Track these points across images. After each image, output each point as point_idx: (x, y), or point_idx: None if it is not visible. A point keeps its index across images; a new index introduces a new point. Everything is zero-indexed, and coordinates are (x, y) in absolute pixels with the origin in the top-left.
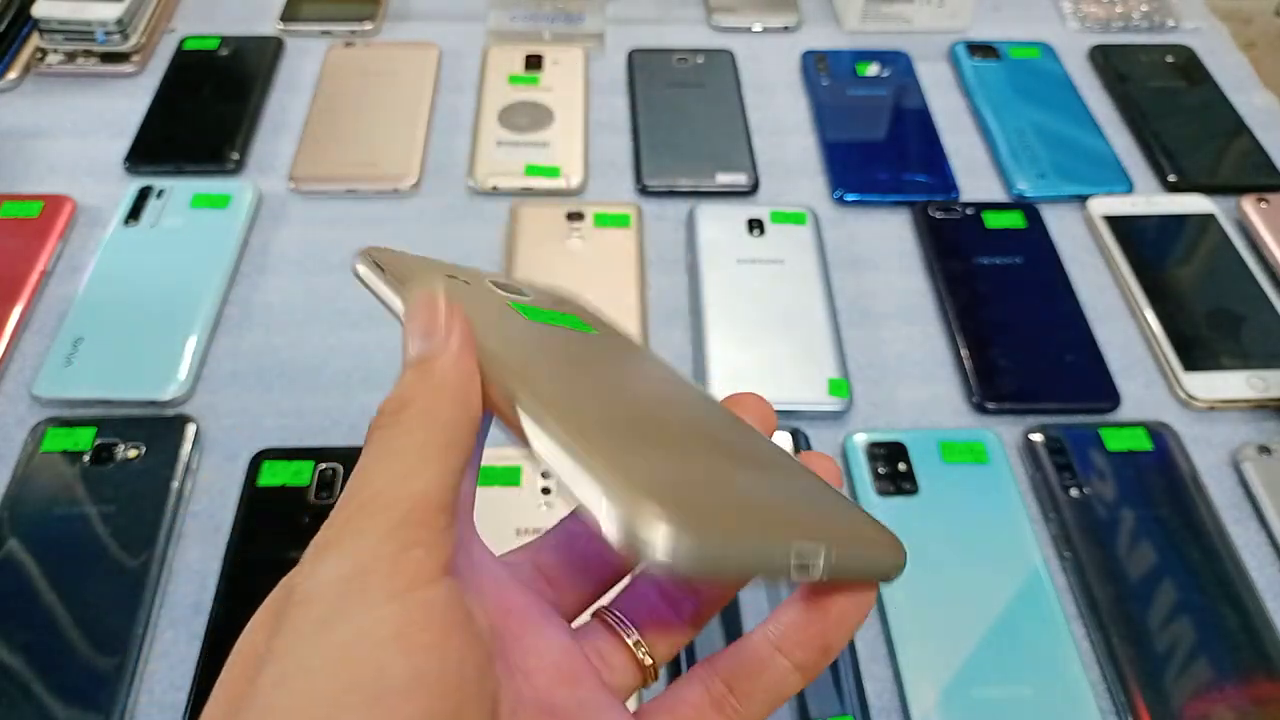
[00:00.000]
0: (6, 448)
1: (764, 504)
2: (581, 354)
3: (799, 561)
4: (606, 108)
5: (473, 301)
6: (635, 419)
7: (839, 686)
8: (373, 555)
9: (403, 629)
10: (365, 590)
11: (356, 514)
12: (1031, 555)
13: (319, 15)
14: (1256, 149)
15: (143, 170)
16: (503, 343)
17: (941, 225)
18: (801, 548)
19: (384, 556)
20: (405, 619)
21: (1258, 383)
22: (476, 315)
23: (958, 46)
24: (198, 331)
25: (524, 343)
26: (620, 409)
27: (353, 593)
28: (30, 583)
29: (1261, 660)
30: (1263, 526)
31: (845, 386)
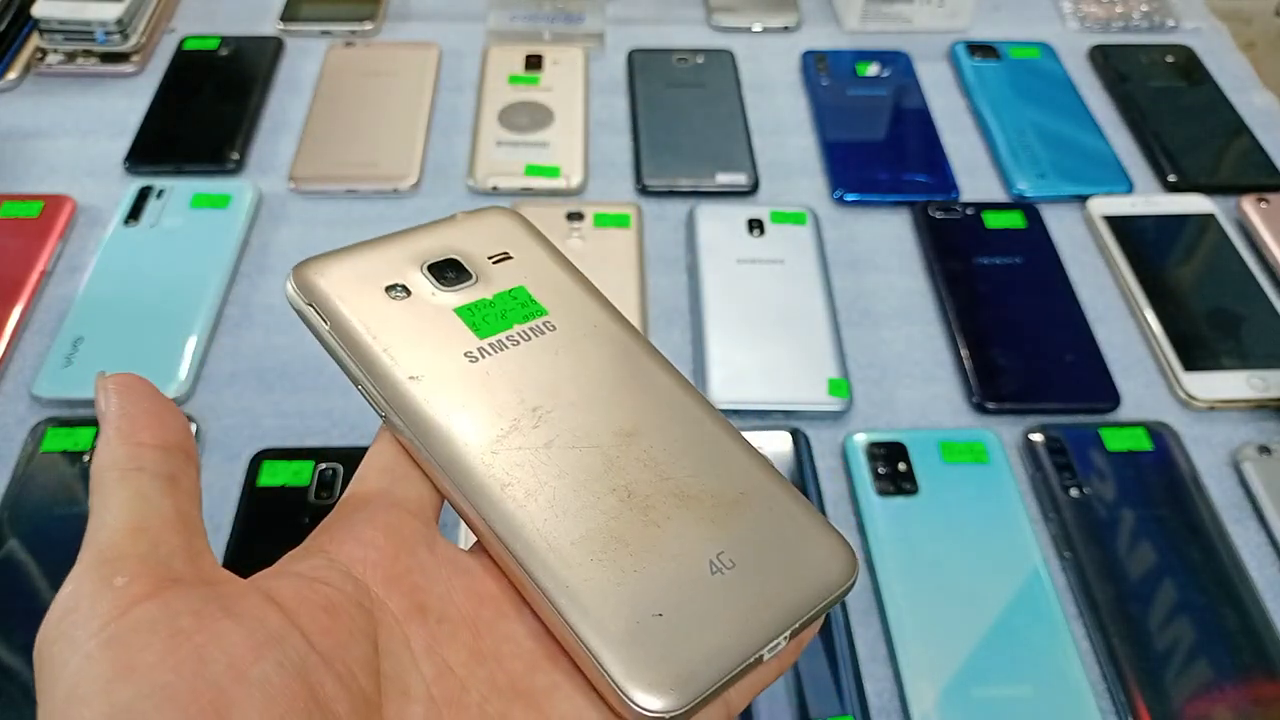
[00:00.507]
0: (6, 448)
1: (730, 611)
2: (541, 399)
3: (767, 655)
4: (606, 108)
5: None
6: (607, 521)
7: (839, 686)
8: (75, 604)
9: (122, 662)
10: (73, 641)
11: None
12: (1031, 555)
13: (319, 15)
14: (1256, 149)
15: (143, 170)
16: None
17: (941, 225)
18: (767, 648)
19: (84, 599)
20: (120, 650)
21: (1258, 383)
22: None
23: (958, 46)
24: (198, 331)
25: (474, 421)
26: (590, 512)
27: (65, 648)
28: (30, 583)
29: (1261, 660)
30: (1263, 526)
31: (845, 386)
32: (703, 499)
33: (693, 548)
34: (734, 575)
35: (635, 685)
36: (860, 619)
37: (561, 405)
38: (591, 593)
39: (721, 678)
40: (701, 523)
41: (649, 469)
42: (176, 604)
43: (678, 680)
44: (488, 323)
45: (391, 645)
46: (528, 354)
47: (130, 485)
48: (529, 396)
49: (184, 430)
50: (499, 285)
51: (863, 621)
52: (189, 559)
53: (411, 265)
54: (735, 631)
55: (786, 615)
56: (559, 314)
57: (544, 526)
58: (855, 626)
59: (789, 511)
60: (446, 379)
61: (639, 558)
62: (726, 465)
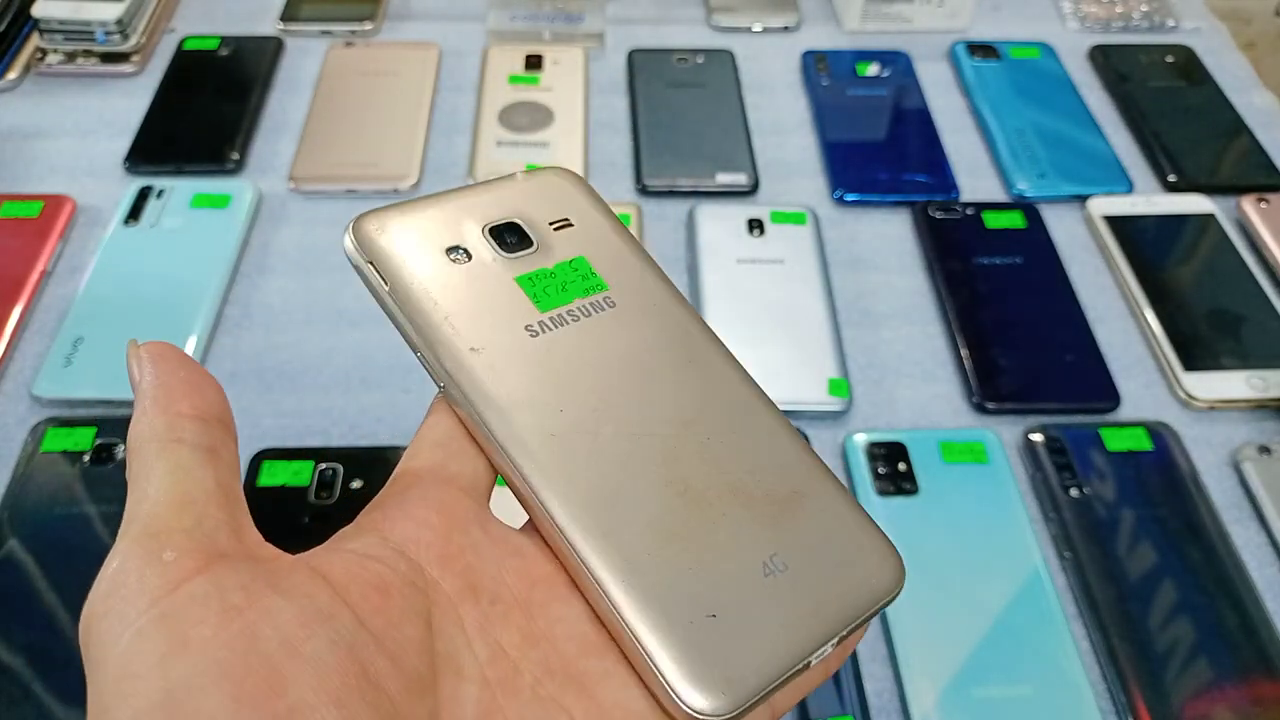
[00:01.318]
0: (6, 448)
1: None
2: (601, 382)
3: (814, 661)
4: (606, 108)
5: (477, 320)
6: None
7: (839, 686)
8: (124, 579)
9: (175, 638)
10: (124, 618)
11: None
12: (1031, 555)
13: (319, 15)
14: (1256, 149)
15: (143, 170)
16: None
17: (941, 225)
18: (816, 654)
19: (132, 575)
20: (174, 627)
21: (1258, 383)
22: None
23: (958, 46)
24: (198, 331)
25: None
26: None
27: (117, 626)
28: (30, 583)
29: (1261, 660)
30: (1263, 526)
31: (845, 386)
32: (758, 496)
33: (747, 548)
34: (786, 578)
35: (687, 684)
36: None
37: (622, 388)
38: (647, 587)
39: (771, 682)
40: (756, 522)
41: (706, 461)
42: (226, 579)
43: (728, 683)
44: (549, 295)
45: (445, 625)
46: (588, 331)
47: (170, 457)
48: (589, 377)
49: (221, 400)
50: (560, 255)
51: None
52: (233, 532)
53: (472, 226)
54: (786, 636)
55: (836, 621)
56: (619, 289)
57: (602, 515)
58: None
59: (841, 514)
60: (508, 353)
61: (695, 554)
62: (782, 461)
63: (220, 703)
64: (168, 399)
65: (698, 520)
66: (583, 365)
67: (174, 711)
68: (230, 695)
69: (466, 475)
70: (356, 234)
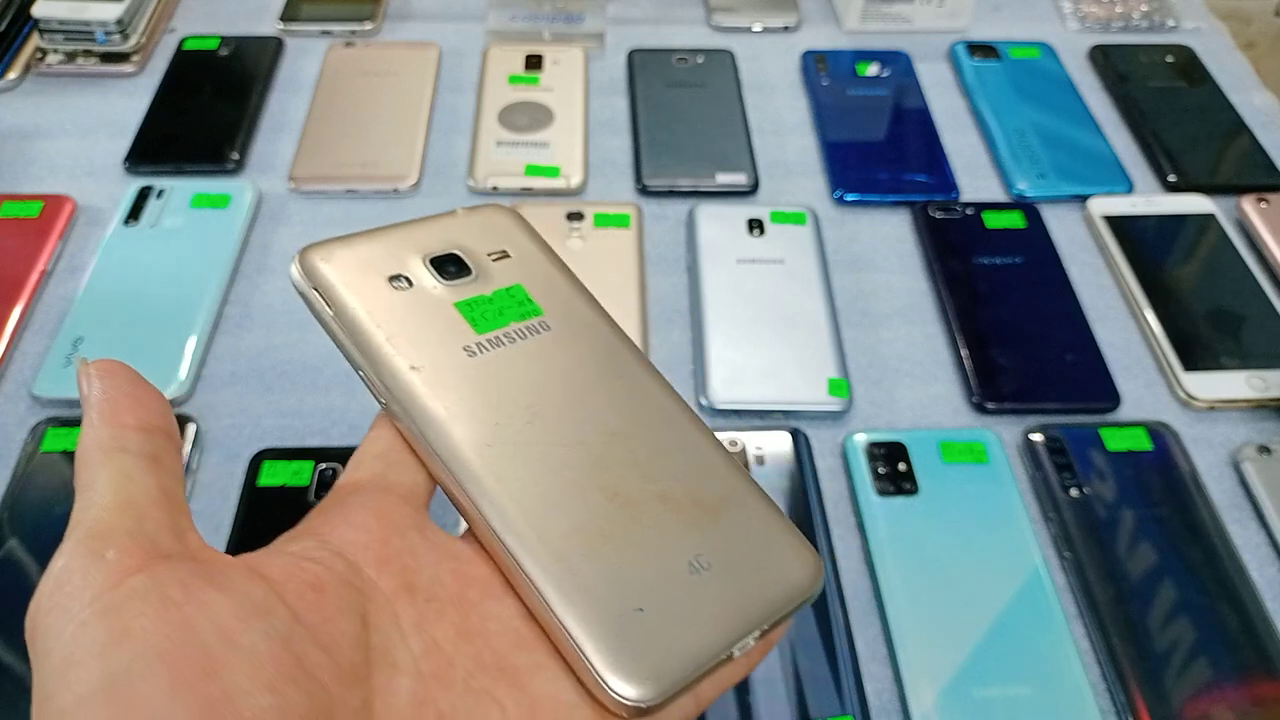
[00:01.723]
0: (6, 448)
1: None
2: (532, 397)
3: (737, 653)
4: (606, 108)
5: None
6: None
7: (839, 686)
8: (68, 577)
9: (117, 629)
10: (68, 613)
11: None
12: (1031, 555)
13: (319, 15)
14: (1256, 149)
15: (143, 170)
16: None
17: (941, 225)
18: (738, 646)
19: (76, 573)
20: (115, 619)
21: (1258, 383)
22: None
23: (958, 46)
24: (198, 331)
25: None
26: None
27: (61, 620)
28: (30, 583)
29: (1261, 660)
30: (1263, 526)
31: (845, 386)
32: (684, 502)
33: (673, 548)
34: (710, 576)
35: (615, 674)
36: (860, 619)
37: (553, 403)
38: (578, 583)
39: (695, 672)
40: (682, 525)
41: (634, 469)
42: (166, 576)
43: (654, 672)
44: (486, 319)
45: (381, 621)
46: (523, 352)
47: (114, 464)
48: (523, 393)
49: (165, 412)
50: (498, 282)
51: (863, 621)
52: (174, 535)
53: (414, 256)
54: (710, 629)
55: (757, 616)
56: (553, 315)
57: (535, 519)
58: (855, 626)
59: (762, 518)
60: (446, 371)
61: (624, 553)
62: (706, 470)
63: (158, 687)
64: (113, 412)
65: (626, 522)
66: (517, 382)
67: (114, 695)
68: (167, 680)
69: (405, 485)
70: (302, 263)
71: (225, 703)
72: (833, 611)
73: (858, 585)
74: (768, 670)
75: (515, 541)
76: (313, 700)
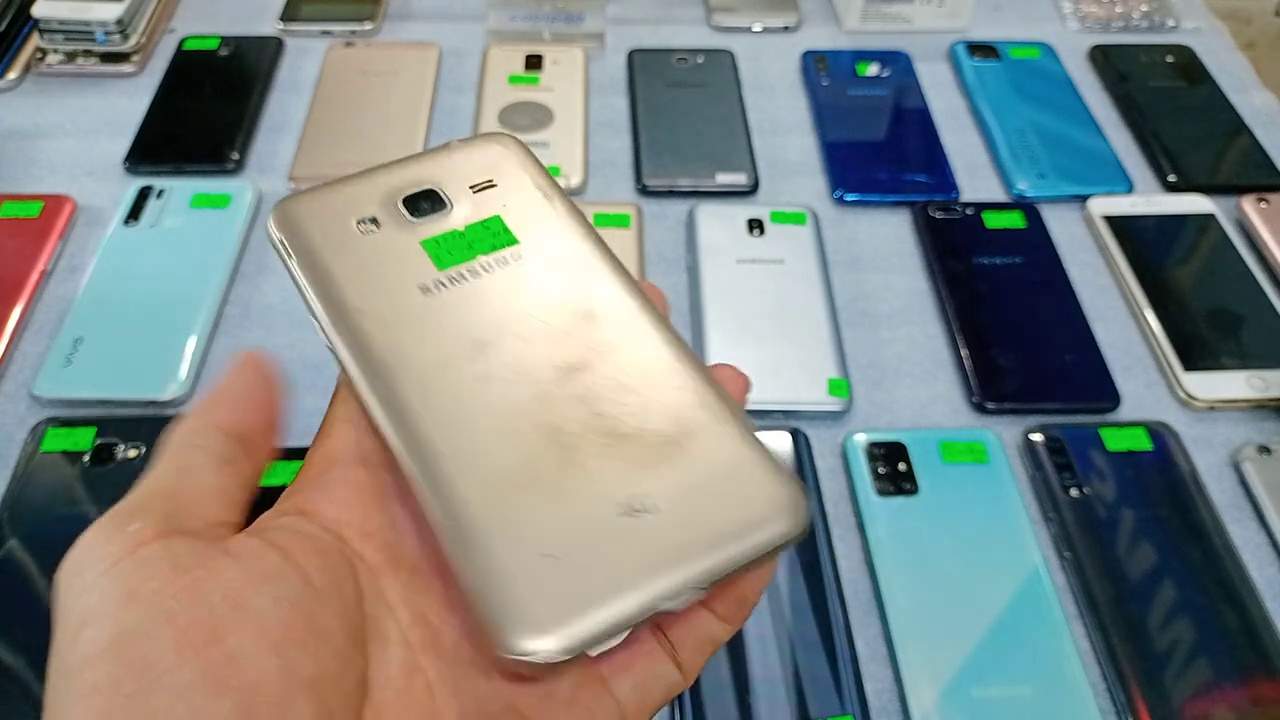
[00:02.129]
0: (6, 448)
1: (635, 557)
2: (486, 331)
3: (675, 606)
4: (606, 108)
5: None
6: (526, 453)
7: (839, 686)
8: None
9: (127, 591)
10: (85, 578)
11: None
12: (1031, 555)
13: (319, 15)
14: (1256, 149)
15: (143, 170)
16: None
17: (941, 225)
18: (674, 598)
19: (99, 544)
20: (128, 583)
21: (1258, 383)
22: (366, 308)
23: (958, 46)
24: (198, 331)
25: (413, 361)
26: (509, 444)
27: (78, 584)
28: (30, 583)
29: (1261, 660)
30: (1263, 526)
31: (845, 386)
32: (635, 438)
33: (608, 489)
34: (649, 520)
35: (507, 625)
36: (860, 619)
37: (507, 339)
38: (480, 529)
39: (609, 626)
40: (627, 463)
41: (583, 405)
42: (179, 546)
43: (552, 624)
44: (452, 255)
45: (369, 594)
46: (485, 286)
47: (179, 457)
48: (476, 330)
49: (268, 423)
50: (473, 216)
51: (863, 621)
52: (205, 525)
53: (389, 196)
54: (635, 579)
55: (702, 564)
56: (529, 245)
57: (455, 461)
58: (855, 626)
59: (735, 451)
60: (393, 310)
61: (546, 497)
62: (675, 401)
63: (164, 646)
64: (209, 407)
65: (559, 463)
66: (471, 320)
67: (121, 653)
68: (173, 640)
69: (380, 450)
70: (276, 213)
71: (228, 664)
72: (833, 611)
73: (858, 585)
74: (768, 670)
75: (426, 483)
76: (320, 665)
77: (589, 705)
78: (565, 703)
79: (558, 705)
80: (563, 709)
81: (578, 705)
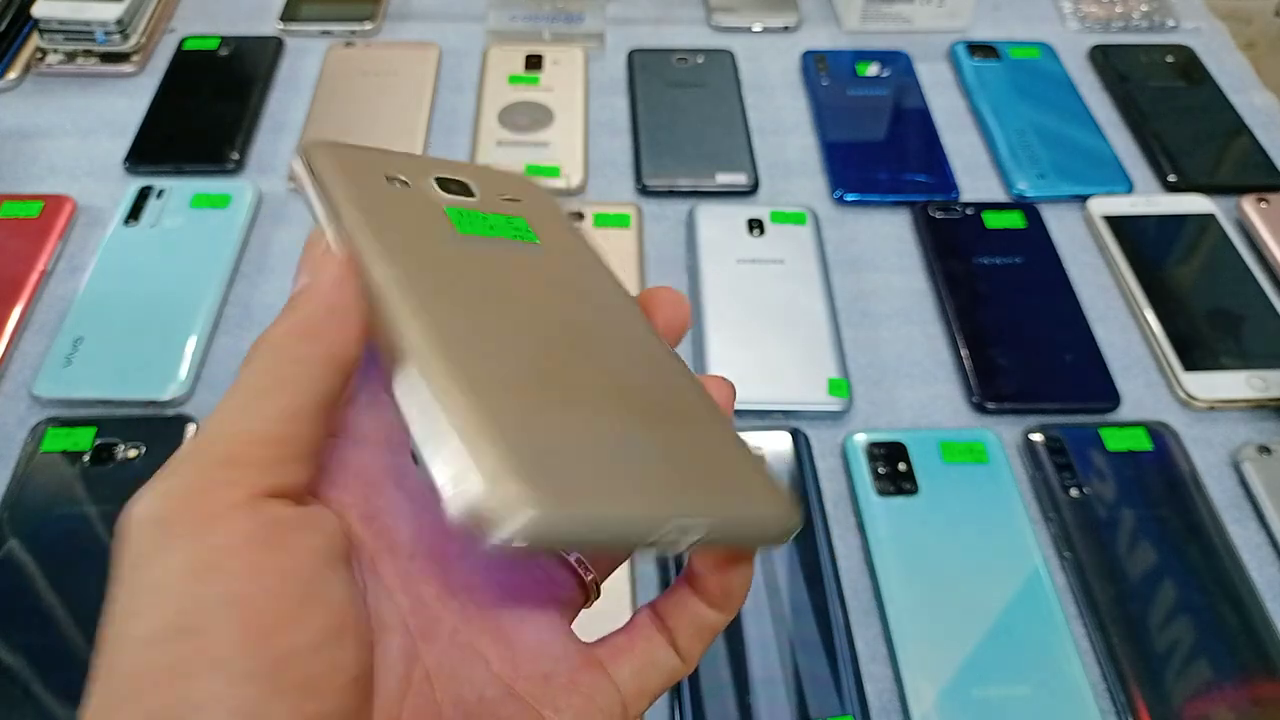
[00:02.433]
0: (6, 448)
1: (641, 472)
2: (500, 281)
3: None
4: (606, 108)
5: (395, 214)
6: (525, 370)
7: (839, 686)
8: (179, 495)
9: (206, 561)
10: (167, 530)
11: (181, 455)
12: (1031, 555)
13: (319, 15)
14: (1256, 149)
15: (143, 170)
16: (401, 279)
17: (941, 225)
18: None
19: (189, 494)
20: (208, 551)
21: (1258, 383)
22: (390, 236)
23: (958, 46)
24: (198, 331)
25: (430, 275)
26: (510, 358)
27: (157, 534)
28: (30, 583)
29: (1261, 660)
30: (1263, 526)
31: (845, 386)
32: (639, 393)
33: (608, 418)
34: (646, 456)
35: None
36: (860, 619)
37: (520, 291)
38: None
39: (590, 527)
40: (629, 409)
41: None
42: (268, 514)
43: (541, 502)
44: (473, 225)
45: (370, 579)
46: (502, 253)
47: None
48: (492, 277)
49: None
50: (499, 209)
51: (863, 621)
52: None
53: (424, 171)
54: (626, 496)
55: (692, 509)
56: (550, 246)
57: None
58: (855, 626)
59: (731, 446)
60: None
61: (550, 401)
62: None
63: (228, 634)
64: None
65: (565, 384)
66: (487, 269)
67: (182, 643)
68: (239, 628)
69: (383, 428)
70: (306, 146)
71: (288, 659)
72: (833, 611)
73: (858, 585)
74: (768, 670)
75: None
76: (362, 660)
77: (588, 691)
78: (564, 688)
79: (556, 690)
80: (561, 694)
81: (577, 691)
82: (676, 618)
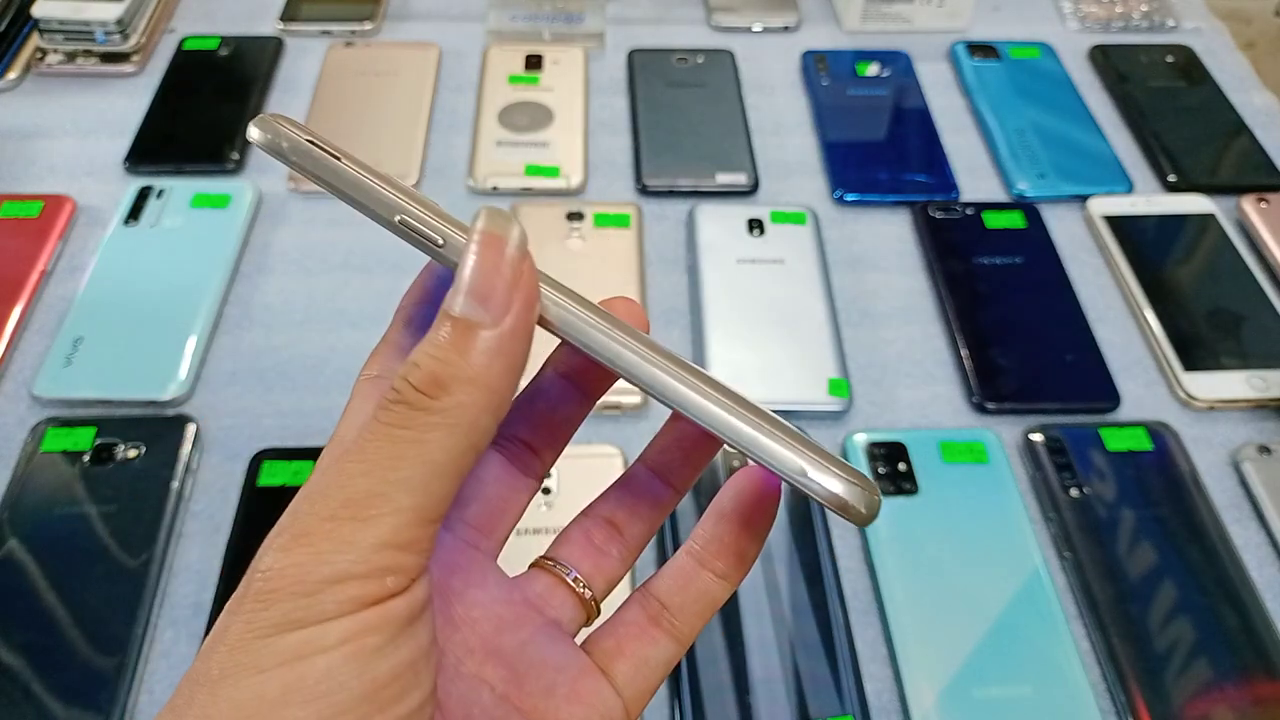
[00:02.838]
0: (6, 448)
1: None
2: None
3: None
4: (606, 108)
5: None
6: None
7: (839, 686)
8: (346, 573)
9: (354, 636)
10: (323, 603)
11: (342, 516)
12: (1031, 555)
13: (319, 15)
14: (1256, 149)
15: (143, 170)
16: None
17: (941, 225)
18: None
19: (356, 576)
20: (358, 629)
21: (1258, 383)
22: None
23: (958, 46)
24: (198, 331)
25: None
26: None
27: (312, 604)
28: (30, 583)
29: (1261, 660)
30: (1263, 526)
31: (845, 386)
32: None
33: None
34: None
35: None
36: (860, 619)
37: None
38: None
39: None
40: None
41: None
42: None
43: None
44: None
45: None
46: None
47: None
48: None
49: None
50: None
51: (863, 621)
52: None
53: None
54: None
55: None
56: None
57: None
58: (855, 626)
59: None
60: None
61: None
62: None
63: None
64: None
65: None
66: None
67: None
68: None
69: None
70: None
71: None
72: (833, 611)
73: (858, 585)
74: (768, 670)
75: None
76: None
77: (591, 699)
78: (566, 698)
79: (559, 702)
80: (564, 705)
81: (579, 700)
82: (681, 594)
